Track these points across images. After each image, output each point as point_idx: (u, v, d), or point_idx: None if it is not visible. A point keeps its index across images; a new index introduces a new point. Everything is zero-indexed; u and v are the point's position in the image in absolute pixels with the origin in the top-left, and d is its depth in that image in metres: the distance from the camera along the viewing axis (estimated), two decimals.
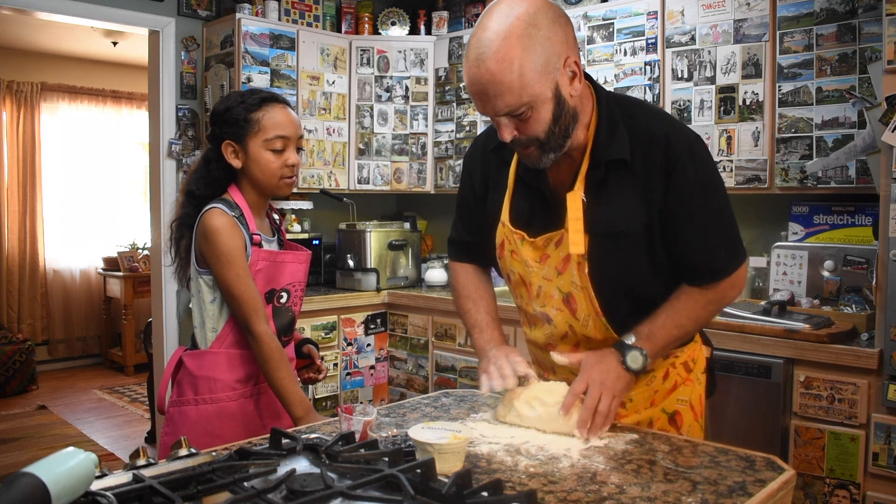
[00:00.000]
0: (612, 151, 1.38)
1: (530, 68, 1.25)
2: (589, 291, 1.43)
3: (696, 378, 1.58)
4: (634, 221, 1.39)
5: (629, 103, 1.46)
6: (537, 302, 1.52)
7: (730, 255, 1.44)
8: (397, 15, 4.23)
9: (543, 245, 1.46)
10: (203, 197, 1.75)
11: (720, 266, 1.43)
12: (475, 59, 1.26)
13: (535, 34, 1.25)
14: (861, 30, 2.63)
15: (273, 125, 1.71)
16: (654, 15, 3.17)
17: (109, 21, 3.70)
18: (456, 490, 0.95)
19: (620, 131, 1.39)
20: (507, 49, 1.24)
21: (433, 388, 3.65)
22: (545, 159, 1.37)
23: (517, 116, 1.30)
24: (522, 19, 1.25)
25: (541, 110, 1.30)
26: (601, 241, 1.40)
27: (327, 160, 4.01)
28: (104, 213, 6.59)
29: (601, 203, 1.40)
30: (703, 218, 1.40)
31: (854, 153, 2.59)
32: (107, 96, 6.61)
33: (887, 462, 2.25)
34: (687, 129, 1.43)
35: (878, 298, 2.31)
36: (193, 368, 1.73)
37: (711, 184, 1.41)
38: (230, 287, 1.67)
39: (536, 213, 1.48)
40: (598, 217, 1.40)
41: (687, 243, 1.41)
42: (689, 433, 1.54)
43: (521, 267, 1.51)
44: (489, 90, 1.27)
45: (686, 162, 1.37)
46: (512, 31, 1.24)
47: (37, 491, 0.81)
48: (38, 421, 4.87)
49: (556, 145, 1.36)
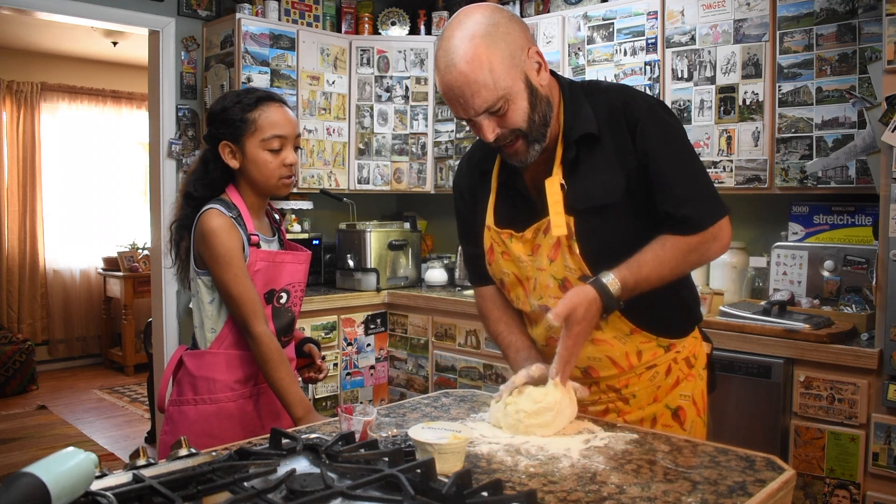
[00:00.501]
0: (579, 128, 1.42)
1: (498, 62, 1.31)
2: (583, 272, 1.43)
3: (698, 374, 1.59)
4: (614, 191, 1.41)
5: (588, 84, 1.51)
6: (534, 295, 1.52)
7: (706, 206, 1.41)
8: (397, 15, 4.23)
9: (532, 236, 1.48)
10: (201, 198, 1.75)
11: (697, 215, 1.39)
12: (445, 67, 1.33)
13: (495, 32, 1.32)
14: (861, 30, 2.63)
15: (270, 125, 1.70)
16: (654, 15, 3.17)
17: (109, 21, 3.70)
18: (456, 490, 0.95)
19: (584, 108, 1.44)
20: (473, 49, 1.31)
21: (433, 388, 3.65)
22: (532, 152, 1.42)
23: (495, 112, 1.35)
24: (481, 22, 1.32)
25: (517, 101, 1.35)
26: (586, 218, 1.42)
27: (327, 160, 4.01)
28: (104, 213, 6.59)
29: (579, 180, 1.43)
30: (672, 166, 1.40)
31: (854, 153, 2.59)
32: (107, 96, 6.61)
33: (887, 462, 2.25)
34: (646, 94, 1.51)
35: (878, 298, 2.31)
36: (193, 368, 1.73)
37: (675, 135, 1.43)
38: (228, 288, 1.67)
39: (520, 211, 1.51)
40: (579, 194, 1.42)
41: (661, 192, 1.40)
42: (692, 428, 1.54)
43: (514, 265, 1.53)
44: (465, 91, 1.32)
45: (646, 118, 1.41)
46: (474, 33, 1.31)
47: (37, 491, 0.81)
48: (38, 421, 4.87)
49: (539, 134, 1.40)
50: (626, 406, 1.54)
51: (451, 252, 4.28)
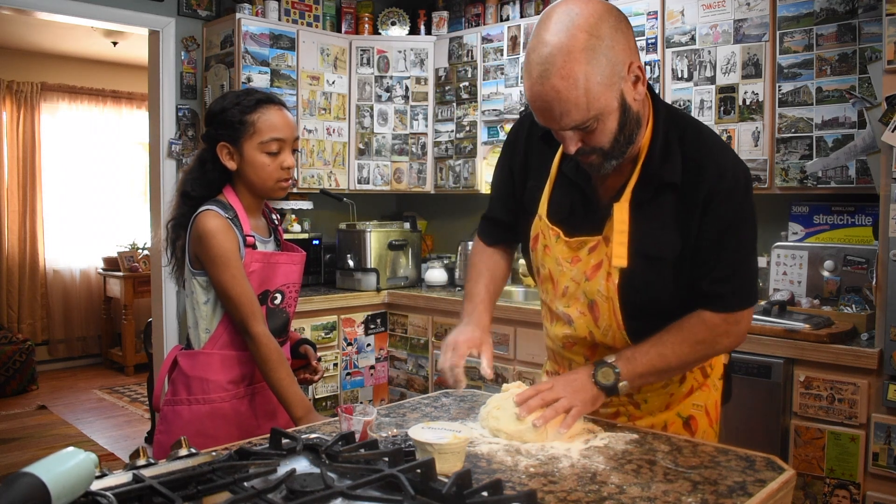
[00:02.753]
0: (666, 174, 1.35)
1: (596, 82, 1.21)
2: (614, 303, 1.41)
3: (713, 384, 1.58)
4: (670, 249, 1.38)
5: (686, 124, 1.42)
6: (562, 301, 1.50)
7: (738, 291, 1.39)
8: (397, 15, 4.23)
9: (577, 247, 1.45)
10: (198, 198, 1.74)
11: (726, 294, 1.38)
12: (539, 77, 1.22)
13: (598, 45, 1.20)
14: (861, 30, 2.63)
15: (269, 127, 1.69)
16: (654, 15, 3.17)
17: (109, 21, 3.70)
18: (456, 490, 0.95)
19: (675, 153, 1.36)
20: (571, 65, 1.19)
21: (433, 388, 3.65)
22: (607, 166, 1.35)
23: (583, 129, 1.27)
24: (584, 30, 1.20)
25: (607, 121, 1.27)
26: (634, 260, 1.38)
27: (327, 160, 4.01)
28: (104, 213, 6.59)
29: (641, 222, 1.38)
30: (728, 252, 1.37)
31: (854, 153, 2.59)
32: (107, 96, 6.61)
33: (887, 462, 2.25)
34: (738, 162, 1.39)
35: (878, 298, 2.31)
36: (187, 368, 1.72)
37: (744, 222, 1.38)
38: (226, 289, 1.66)
39: (576, 213, 1.46)
40: (637, 236, 1.38)
41: (705, 267, 1.38)
42: (703, 439, 1.52)
43: (553, 264, 1.49)
44: (555, 108, 1.23)
45: (726, 199, 1.34)
46: (575, 46, 1.19)
47: (37, 491, 0.81)
48: (38, 421, 4.87)
49: (620, 153, 1.33)
50: (638, 411, 1.53)
51: (451, 252, 4.28)
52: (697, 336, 1.39)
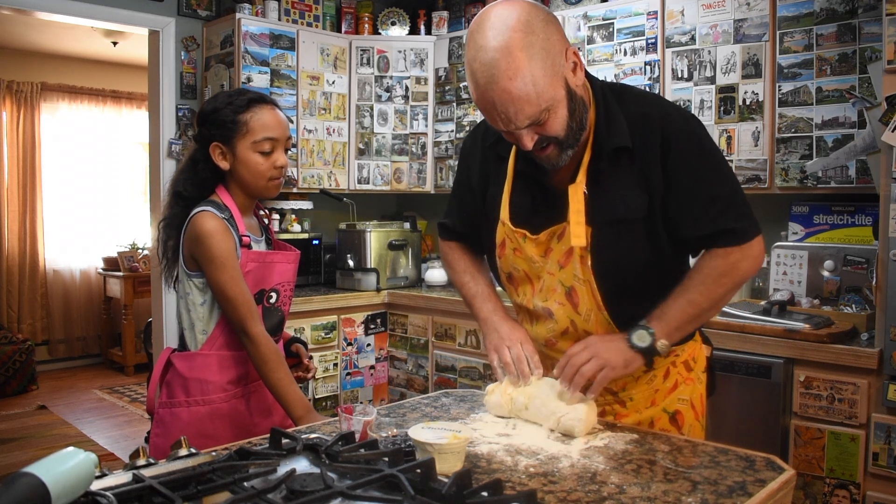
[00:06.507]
0: (614, 140, 1.38)
1: (541, 75, 1.25)
2: (591, 284, 1.42)
3: (697, 377, 1.58)
4: (636, 208, 1.39)
5: (622, 90, 1.46)
6: (539, 297, 1.51)
7: (741, 219, 1.38)
8: (397, 15, 4.23)
9: (546, 240, 1.46)
10: (191, 198, 1.74)
11: (732, 227, 1.37)
12: (487, 82, 1.25)
13: (534, 41, 1.24)
14: (861, 30, 2.63)
15: (261, 127, 1.69)
16: (654, 15, 3.17)
17: (109, 21, 3.70)
18: (456, 490, 0.95)
19: (617, 116, 1.39)
20: (515, 64, 1.23)
21: (433, 388, 3.65)
22: (563, 157, 1.37)
23: (537, 123, 1.30)
24: (518, 29, 1.24)
25: (558, 110, 1.30)
26: (603, 230, 1.40)
27: (327, 160, 4.01)
28: (104, 213, 6.59)
29: (602, 192, 1.40)
30: (707, 186, 1.37)
31: (854, 153, 2.59)
32: (107, 96, 6.61)
33: (887, 462, 2.25)
34: (681, 109, 1.44)
35: (878, 298, 2.31)
36: (184, 370, 1.72)
37: (710, 155, 1.40)
38: (224, 290, 1.66)
39: (538, 208, 1.48)
40: (600, 206, 1.40)
41: (695, 215, 1.38)
42: (690, 432, 1.53)
43: (526, 264, 1.51)
44: (509, 109, 1.26)
45: (681, 138, 1.37)
46: (514, 45, 1.23)
47: (37, 491, 0.81)
48: (38, 421, 4.87)
49: (574, 140, 1.36)
50: (624, 409, 1.54)
51: None
52: (718, 270, 1.39)
